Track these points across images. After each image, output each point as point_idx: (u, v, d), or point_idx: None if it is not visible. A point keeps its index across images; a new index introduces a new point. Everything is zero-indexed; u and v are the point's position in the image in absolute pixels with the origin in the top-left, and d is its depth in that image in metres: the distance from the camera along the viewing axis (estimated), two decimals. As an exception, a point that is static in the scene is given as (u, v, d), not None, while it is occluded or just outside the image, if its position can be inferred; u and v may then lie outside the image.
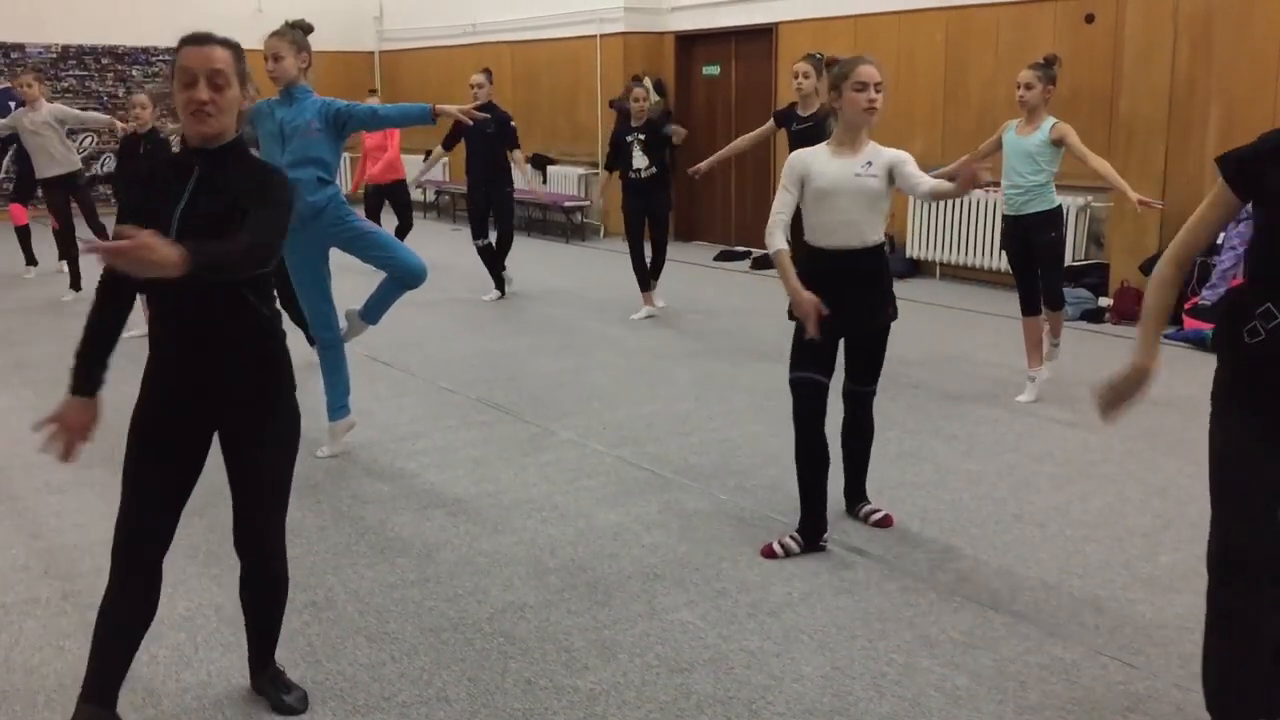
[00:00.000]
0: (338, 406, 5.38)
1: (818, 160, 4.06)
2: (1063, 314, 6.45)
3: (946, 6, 10.15)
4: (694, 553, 4.21)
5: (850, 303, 4.04)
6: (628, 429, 5.78)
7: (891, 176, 4.04)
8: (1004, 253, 6.59)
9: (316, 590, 3.89)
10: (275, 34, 5.26)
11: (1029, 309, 6.29)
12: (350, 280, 7.29)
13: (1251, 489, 2.51)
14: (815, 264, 4.08)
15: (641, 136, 8.66)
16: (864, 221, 4.04)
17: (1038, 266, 6.22)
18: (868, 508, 4.50)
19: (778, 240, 3.98)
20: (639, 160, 8.71)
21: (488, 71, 9.44)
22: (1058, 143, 6.05)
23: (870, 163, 4.03)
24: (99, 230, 9.33)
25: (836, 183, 4.01)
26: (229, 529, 4.42)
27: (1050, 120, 6.11)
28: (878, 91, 3.97)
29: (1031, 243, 6.18)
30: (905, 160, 4.06)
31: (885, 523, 4.44)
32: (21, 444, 5.50)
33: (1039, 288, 6.24)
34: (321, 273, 5.29)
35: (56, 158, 9.51)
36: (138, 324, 3.39)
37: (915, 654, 3.44)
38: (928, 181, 4.05)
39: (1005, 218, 6.36)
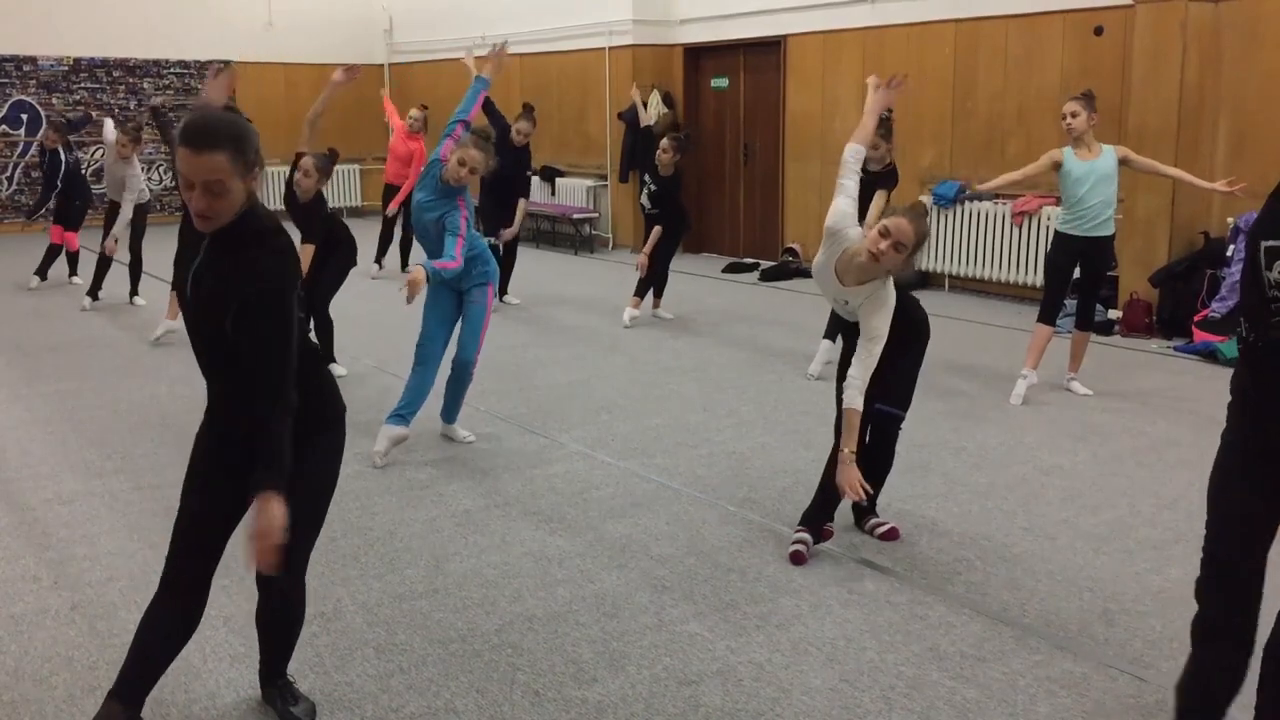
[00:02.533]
0: (398, 414, 5.40)
1: (823, 269, 4.17)
2: (1088, 337, 6.68)
3: (955, 19, 10.16)
4: (702, 565, 4.20)
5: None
6: (636, 441, 5.78)
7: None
8: (1050, 265, 6.68)
9: (325, 601, 3.89)
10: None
11: (1047, 319, 6.55)
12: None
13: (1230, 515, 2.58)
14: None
15: (654, 187, 8.83)
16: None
17: (1081, 284, 6.55)
18: (874, 520, 4.50)
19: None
20: (644, 200, 8.98)
21: (530, 113, 9.77)
22: (1123, 162, 6.37)
23: (848, 301, 4.12)
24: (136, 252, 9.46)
25: (825, 291, 4.24)
26: (238, 539, 4.44)
27: (1106, 146, 6.41)
28: (895, 251, 3.91)
29: (1087, 262, 6.46)
30: (869, 319, 4.03)
31: (891, 535, 4.43)
32: (31, 455, 5.52)
33: (1062, 303, 6.57)
34: (450, 307, 5.48)
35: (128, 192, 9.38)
36: (161, 323, 3.39)
37: (924, 666, 3.42)
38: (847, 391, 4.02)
39: (1068, 236, 6.46)
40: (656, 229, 8.78)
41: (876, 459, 4.38)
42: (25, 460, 5.41)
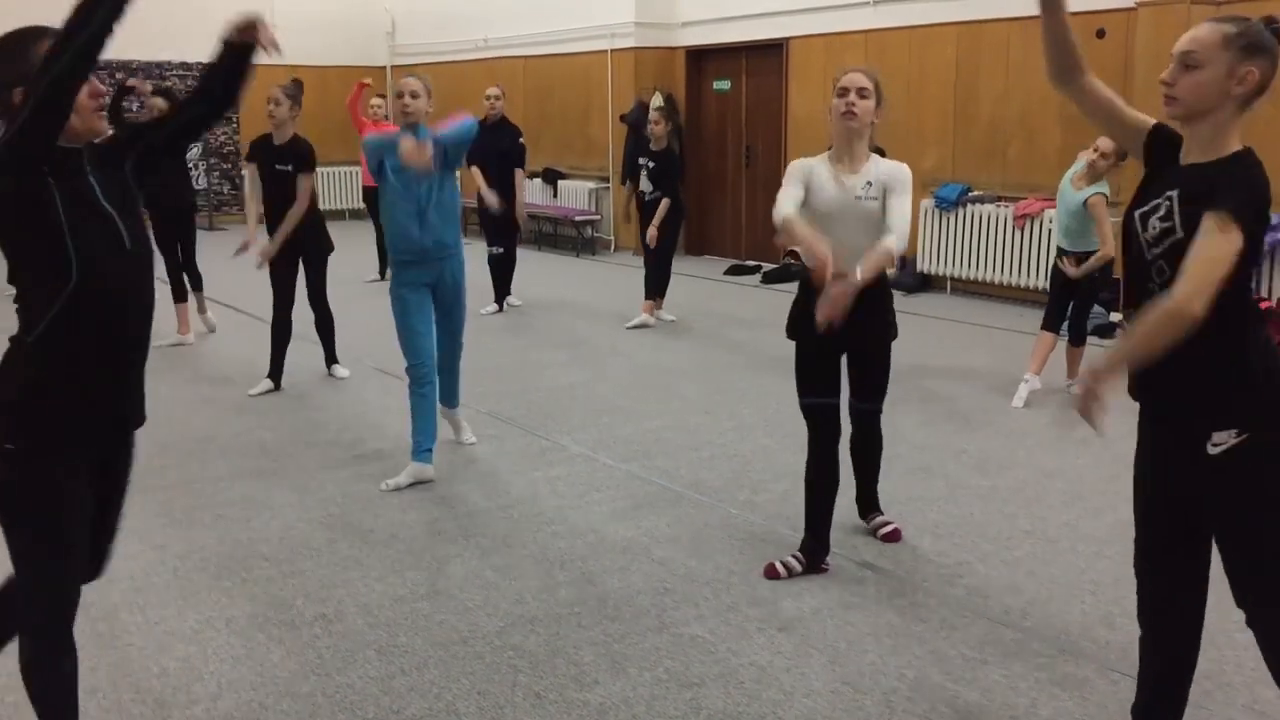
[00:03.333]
0: (421, 449, 5.14)
1: (818, 175, 3.91)
2: (1082, 352, 6.67)
3: (958, 22, 10.16)
4: (704, 567, 4.20)
5: (850, 324, 3.74)
6: (638, 443, 5.78)
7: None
8: (1051, 273, 6.84)
9: (326, 603, 3.89)
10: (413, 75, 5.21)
11: (1050, 326, 6.58)
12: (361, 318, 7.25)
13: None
14: (813, 283, 3.91)
15: (651, 164, 8.86)
16: (866, 246, 3.74)
17: (1074, 298, 6.59)
18: (879, 519, 4.49)
19: (784, 208, 3.73)
20: (645, 184, 8.98)
21: (498, 89, 9.61)
22: (1091, 208, 6.32)
23: (870, 183, 3.86)
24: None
25: (836, 206, 3.86)
26: (240, 541, 4.45)
27: (1094, 189, 6.32)
28: (860, 97, 3.85)
29: (1082, 279, 6.50)
30: (897, 185, 3.84)
31: (893, 537, 4.42)
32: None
33: (1065, 313, 6.61)
34: (429, 314, 5.20)
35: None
36: (167, 333, 3.40)
37: (926, 669, 3.42)
38: (885, 238, 3.76)
39: (1059, 248, 6.67)
40: (665, 201, 8.77)
41: (865, 450, 4.38)
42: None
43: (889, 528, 4.45)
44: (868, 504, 4.53)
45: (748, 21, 12.13)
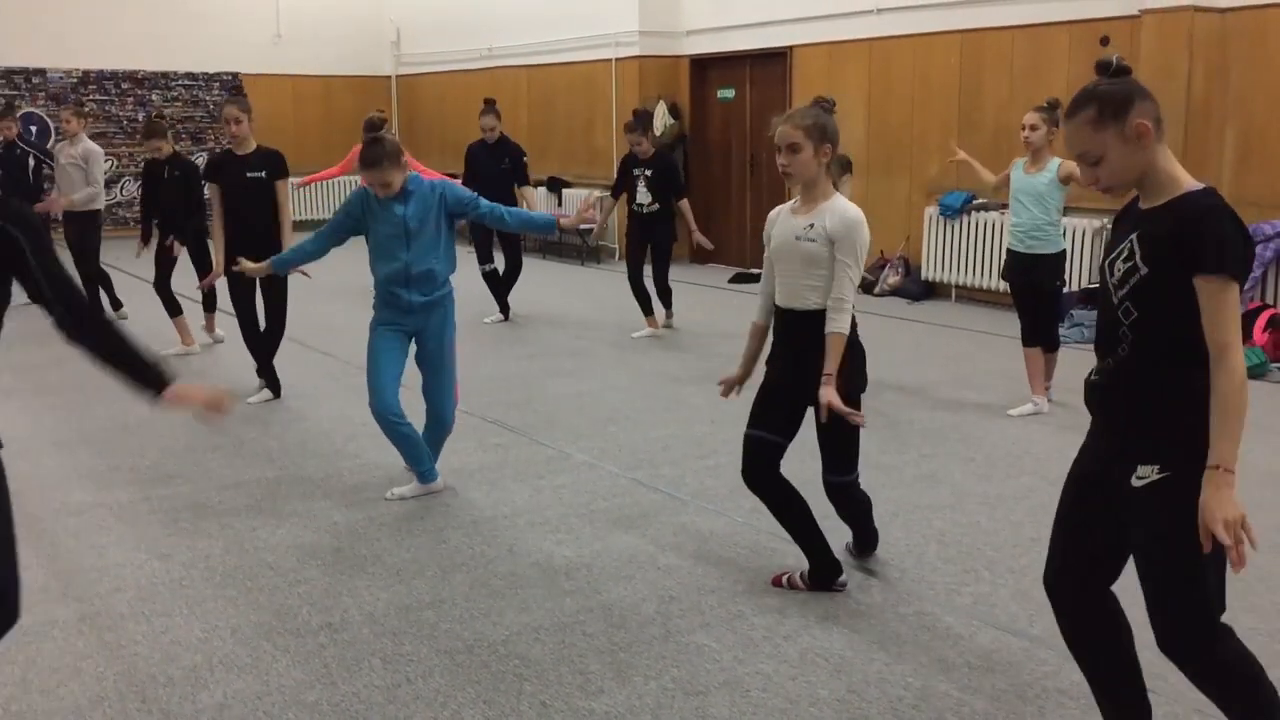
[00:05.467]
0: (419, 472, 5.08)
1: (780, 220, 3.96)
2: (1056, 356, 6.53)
3: (961, 29, 10.17)
4: (709, 576, 4.19)
5: (799, 367, 3.83)
6: (643, 451, 5.78)
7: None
8: (1006, 284, 6.72)
9: (332, 611, 3.89)
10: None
11: (1030, 340, 6.42)
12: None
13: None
14: (775, 320, 3.99)
15: (648, 172, 8.75)
16: (803, 285, 3.81)
17: (1036, 304, 6.40)
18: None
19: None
20: (643, 195, 8.83)
21: (492, 107, 9.51)
22: (1066, 180, 6.19)
23: (813, 224, 3.80)
24: (88, 276, 8.81)
25: (777, 245, 3.90)
26: (245, 550, 4.45)
27: (1055, 160, 6.25)
28: (792, 153, 3.75)
29: (1033, 280, 6.35)
30: (842, 242, 3.75)
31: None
32: (40, 466, 5.54)
33: (1037, 321, 6.40)
34: (400, 356, 4.98)
35: (75, 198, 9.12)
36: (173, 341, 3.41)
37: (932, 678, 3.42)
38: (828, 323, 3.76)
39: (1011, 252, 6.47)
40: (684, 204, 8.73)
41: (850, 512, 4.12)
42: (34, 471, 5.42)
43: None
44: (867, 549, 4.32)
45: (752, 30, 12.16)
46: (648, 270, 8.95)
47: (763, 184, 12.59)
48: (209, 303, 8.47)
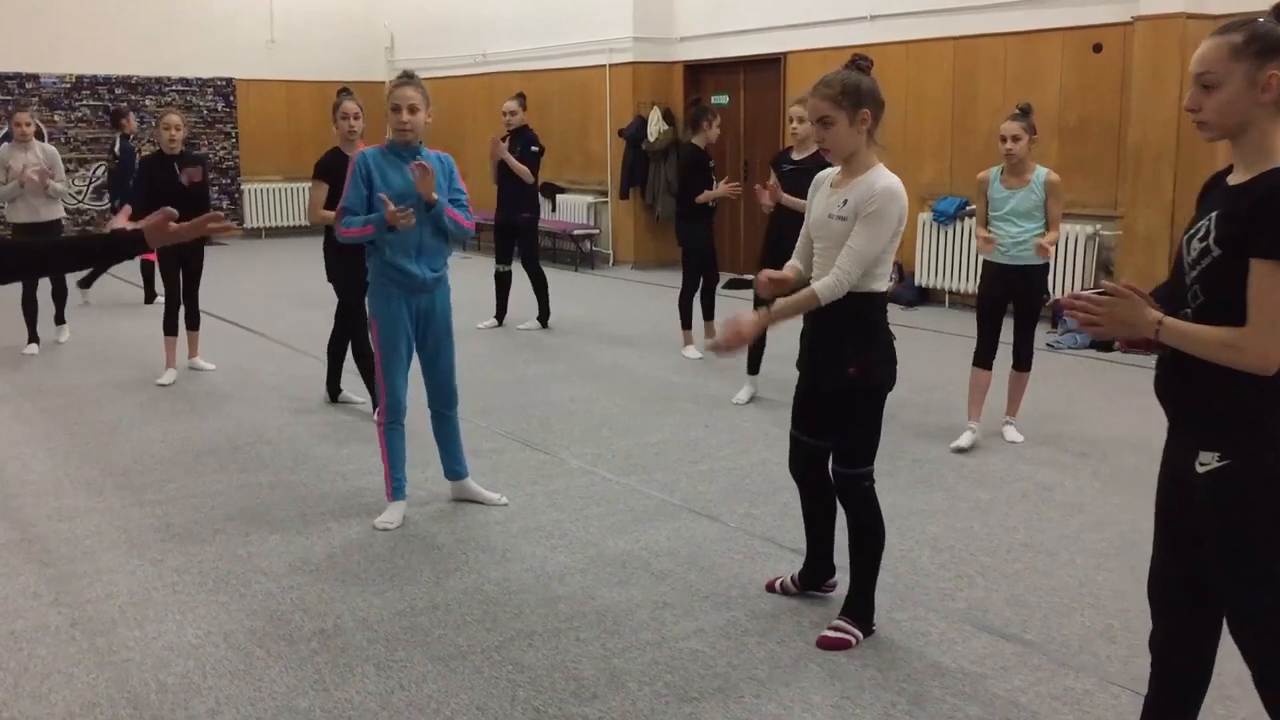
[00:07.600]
0: (401, 487, 4.89)
1: (822, 187, 3.67)
2: (1026, 378, 6.13)
3: (954, 36, 10.20)
4: (703, 581, 4.19)
5: (811, 353, 3.65)
6: (637, 456, 5.78)
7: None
8: (978, 299, 6.23)
9: (325, 618, 3.88)
10: (409, 84, 4.76)
11: (983, 361, 6.01)
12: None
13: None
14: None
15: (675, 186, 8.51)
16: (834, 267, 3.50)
17: (1014, 319, 5.99)
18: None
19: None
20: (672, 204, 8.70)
21: (521, 96, 9.62)
22: (1053, 193, 5.84)
23: (846, 200, 3.48)
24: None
25: (814, 222, 3.63)
26: (238, 556, 4.44)
27: (1040, 170, 5.93)
28: (823, 126, 3.45)
29: (1017, 295, 5.93)
30: (866, 213, 3.42)
31: (827, 643, 3.68)
32: (32, 471, 5.52)
33: (998, 342, 5.99)
34: (409, 356, 4.83)
35: (37, 207, 8.08)
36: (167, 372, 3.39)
37: (926, 683, 3.41)
38: (817, 281, 3.49)
39: (991, 264, 5.97)
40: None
41: (850, 523, 3.72)
42: (26, 476, 5.41)
43: (827, 634, 3.69)
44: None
45: (746, 36, 12.18)
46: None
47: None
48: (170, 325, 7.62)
